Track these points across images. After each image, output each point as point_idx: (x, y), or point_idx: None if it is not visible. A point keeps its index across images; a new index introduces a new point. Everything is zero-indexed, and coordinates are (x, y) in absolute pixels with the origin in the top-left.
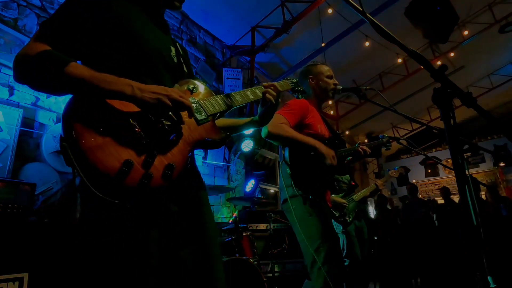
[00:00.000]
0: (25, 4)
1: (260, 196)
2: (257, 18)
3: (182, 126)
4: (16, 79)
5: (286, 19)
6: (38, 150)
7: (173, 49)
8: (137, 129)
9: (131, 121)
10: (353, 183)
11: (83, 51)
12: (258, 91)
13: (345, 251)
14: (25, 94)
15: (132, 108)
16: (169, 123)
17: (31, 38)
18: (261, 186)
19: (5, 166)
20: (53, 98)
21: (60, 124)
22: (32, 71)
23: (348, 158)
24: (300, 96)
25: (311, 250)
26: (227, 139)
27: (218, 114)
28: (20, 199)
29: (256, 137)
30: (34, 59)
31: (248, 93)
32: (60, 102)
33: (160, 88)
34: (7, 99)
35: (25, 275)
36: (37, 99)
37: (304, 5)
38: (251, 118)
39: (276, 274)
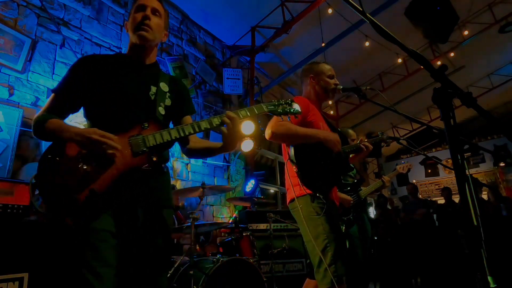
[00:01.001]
0: (25, 4)
1: (260, 196)
2: (257, 18)
3: (115, 157)
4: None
5: (286, 19)
6: (38, 150)
7: (153, 88)
8: (80, 162)
9: (79, 157)
10: (358, 177)
11: (80, 105)
12: (217, 120)
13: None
14: (25, 94)
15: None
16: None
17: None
18: (261, 186)
19: (5, 166)
20: None
21: None
22: (34, 131)
23: (350, 155)
24: (294, 114)
25: (317, 250)
26: (158, 165)
27: (158, 145)
28: (20, 199)
29: (256, 137)
30: (34, 123)
31: (204, 123)
32: None
33: (86, 132)
34: (7, 99)
35: (25, 275)
36: (37, 99)
37: (304, 5)
38: (221, 144)
39: (276, 274)
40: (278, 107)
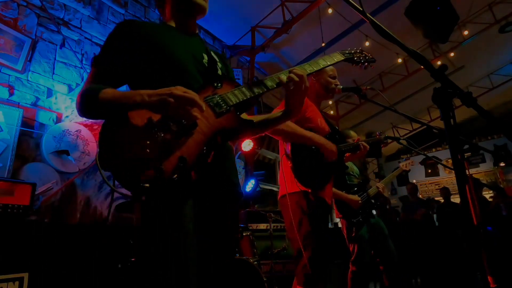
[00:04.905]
0: (25, 4)
1: (260, 196)
2: (257, 18)
3: (198, 119)
4: (79, 115)
5: (286, 19)
6: (38, 150)
7: (205, 56)
8: (155, 130)
9: (152, 125)
10: (362, 178)
11: (128, 75)
12: (283, 76)
13: (354, 257)
14: (25, 94)
15: (155, 114)
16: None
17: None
18: (261, 186)
19: (5, 166)
20: (53, 98)
21: (60, 124)
22: (82, 106)
23: (346, 154)
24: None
25: (299, 248)
26: (249, 126)
27: (241, 102)
28: (20, 199)
29: (256, 137)
30: (81, 96)
31: (282, 75)
32: (59, 102)
33: (165, 89)
34: (7, 99)
35: (25, 275)
36: (37, 99)
37: (304, 5)
38: (281, 110)
39: (276, 274)
40: (354, 55)
